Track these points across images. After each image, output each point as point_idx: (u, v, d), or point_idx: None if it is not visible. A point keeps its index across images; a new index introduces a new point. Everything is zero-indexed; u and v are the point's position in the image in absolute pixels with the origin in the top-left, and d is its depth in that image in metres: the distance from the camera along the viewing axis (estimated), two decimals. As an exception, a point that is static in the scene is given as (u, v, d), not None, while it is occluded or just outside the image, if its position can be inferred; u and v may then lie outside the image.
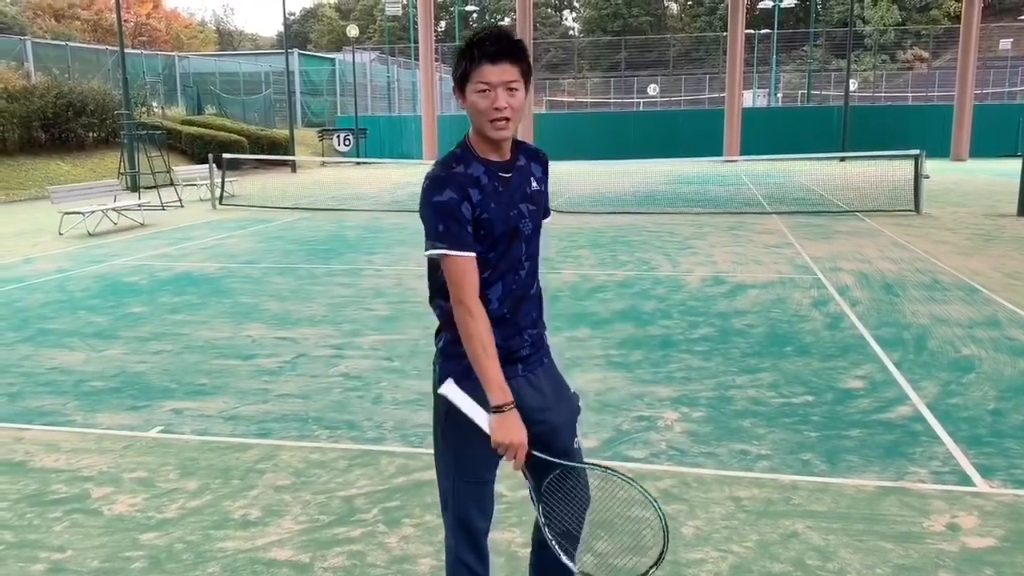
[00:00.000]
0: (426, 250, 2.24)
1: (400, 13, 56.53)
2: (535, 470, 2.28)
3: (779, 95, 56.10)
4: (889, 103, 46.76)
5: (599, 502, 2.41)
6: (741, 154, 32.55)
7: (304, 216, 16.32)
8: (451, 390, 2.27)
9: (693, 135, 35.65)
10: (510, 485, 3.94)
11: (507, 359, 2.30)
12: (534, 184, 2.37)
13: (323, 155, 35.43)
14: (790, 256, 10.55)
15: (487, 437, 2.22)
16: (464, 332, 2.20)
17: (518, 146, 2.38)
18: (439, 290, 2.33)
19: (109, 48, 31.80)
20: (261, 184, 23.49)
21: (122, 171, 21.54)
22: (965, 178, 23.80)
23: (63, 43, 31.63)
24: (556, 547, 2.24)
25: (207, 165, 18.84)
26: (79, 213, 13.78)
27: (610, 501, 2.37)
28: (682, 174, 26.38)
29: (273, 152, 31.57)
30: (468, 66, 2.18)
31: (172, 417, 4.99)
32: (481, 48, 2.16)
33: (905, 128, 34.67)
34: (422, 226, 2.23)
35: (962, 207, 16.21)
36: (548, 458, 2.26)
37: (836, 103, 39.89)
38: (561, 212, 15.90)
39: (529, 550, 3.40)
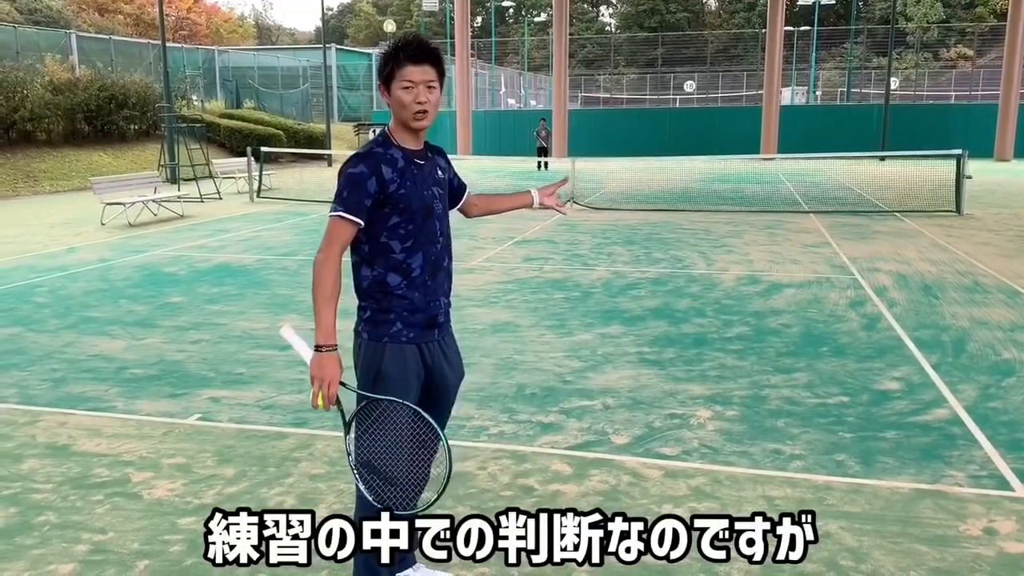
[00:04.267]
0: (329, 212, 2.57)
1: (437, 8, 56.70)
2: (345, 405, 2.60)
3: (818, 93, 55.37)
4: (931, 102, 45.87)
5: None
6: (779, 152, 32.19)
7: (340, 210, 16.42)
8: (288, 332, 2.67)
9: (730, 133, 35.29)
10: (540, 480, 3.96)
11: (428, 323, 2.69)
12: (440, 173, 2.78)
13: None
14: (827, 256, 10.43)
15: (410, 390, 2.64)
16: (317, 275, 2.53)
17: (426, 144, 2.76)
18: (365, 259, 2.63)
19: (151, 42, 32.36)
20: (298, 177, 23.71)
21: (162, 163, 21.91)
22: (1009, 179, 23.31)
23: (106, 37, 32.22)
24: (355, 474, 2.54)
25: (245, 158, 19.10)
26: (120, 204, 14.06)
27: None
28: (718, 172, 26.16)
29: (310, 146, 31.86)
30: (394, 67, 2.56)
31: (210, 405, 5.08)
32: (406, 51, 2.54)
33: (947, 128, 34.01)
34: None
35: (1005, 208, 15.88)
36: (356, 390, 2.61)
37: (876, 101, 39.26)
38: (595, 208, 15.89)
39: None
